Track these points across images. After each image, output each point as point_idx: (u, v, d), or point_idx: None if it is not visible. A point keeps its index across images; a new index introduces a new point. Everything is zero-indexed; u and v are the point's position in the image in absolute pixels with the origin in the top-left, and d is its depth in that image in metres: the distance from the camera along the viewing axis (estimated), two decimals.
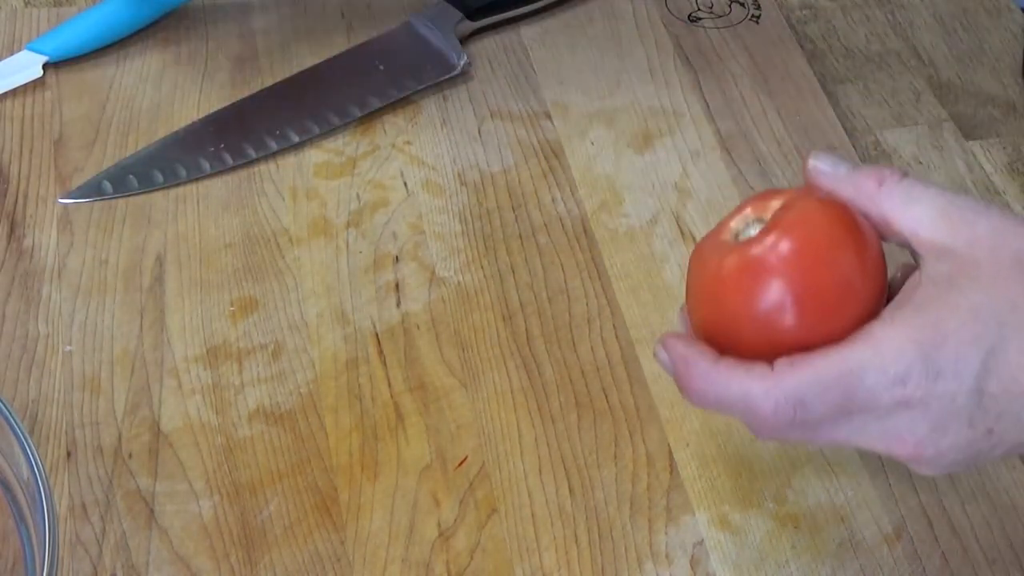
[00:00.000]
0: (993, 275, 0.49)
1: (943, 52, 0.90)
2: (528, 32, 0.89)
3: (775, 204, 0.52)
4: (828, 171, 0.53)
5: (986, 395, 0.48)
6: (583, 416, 0.68)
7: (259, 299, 0.72)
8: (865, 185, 0.52)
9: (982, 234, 0.50)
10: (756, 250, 0.50)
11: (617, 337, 0.71)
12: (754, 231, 0.52)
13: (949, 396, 0.48)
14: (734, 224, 0.53)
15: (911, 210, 0.51)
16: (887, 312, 0.50)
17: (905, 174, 0.52)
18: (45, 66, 0.82)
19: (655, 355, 0.53)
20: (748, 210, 0.53)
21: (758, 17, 0.91)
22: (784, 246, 0.50)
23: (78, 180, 0.77)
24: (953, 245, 0.50)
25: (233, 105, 0.82)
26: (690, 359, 0.51)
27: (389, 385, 0.69)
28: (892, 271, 0.53)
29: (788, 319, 0.50)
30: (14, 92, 0.82)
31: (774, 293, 0.49)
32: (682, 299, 0.67)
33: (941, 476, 0.66)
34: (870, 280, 0.51)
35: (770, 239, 0.50)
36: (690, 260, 0.54)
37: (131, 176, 0.78)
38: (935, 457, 0.50)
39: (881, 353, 0.48)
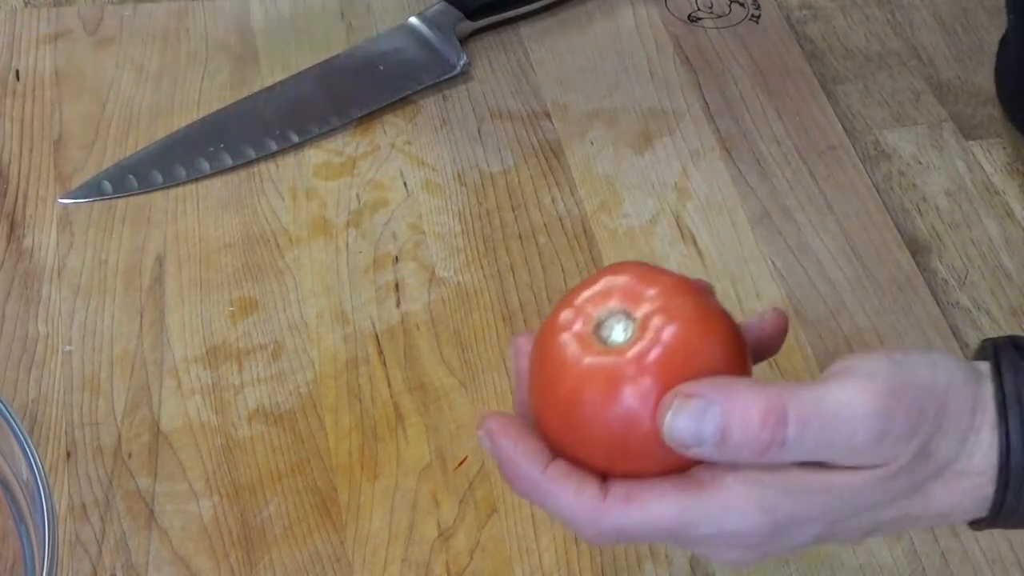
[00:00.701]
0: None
1: (943, 52, 0.90)
2: (528, 32, 0.89)
3: (645, 297, 0.49)
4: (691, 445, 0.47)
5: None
6: None
7: (259, 299, 0.72)
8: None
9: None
10: (630, 368, 0.47)
11: None
12: (622, 334, 0.48)
13: (787, 548, 0.49)
14: (598, 314, 0.49)
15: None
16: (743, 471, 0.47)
17: (780, 443, 0.46)
18: None
19: (478, 436, 0.50)
20: (614, 301, 0.49)
21: (758, 17, 0.91)
22: (660, 368, 0.47)
23: (78, 180, 0.77)
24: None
25: (233, 105, 0.82)
26: (518, 463, 0.48)
27: (389, 385, 0.69)
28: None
29: (643, 438, 0.47)
30: (14, 92, 0.82)
31: (640, 415, 0.46)
32: None
33: None
34: None
35: (647, 357, 0.47)
36: (542, 339, 0.50)
37: (131, 176, 0.78)
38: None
39: (725, 511, 0.47)
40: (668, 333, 0.47)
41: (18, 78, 0.83)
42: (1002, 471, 0.48)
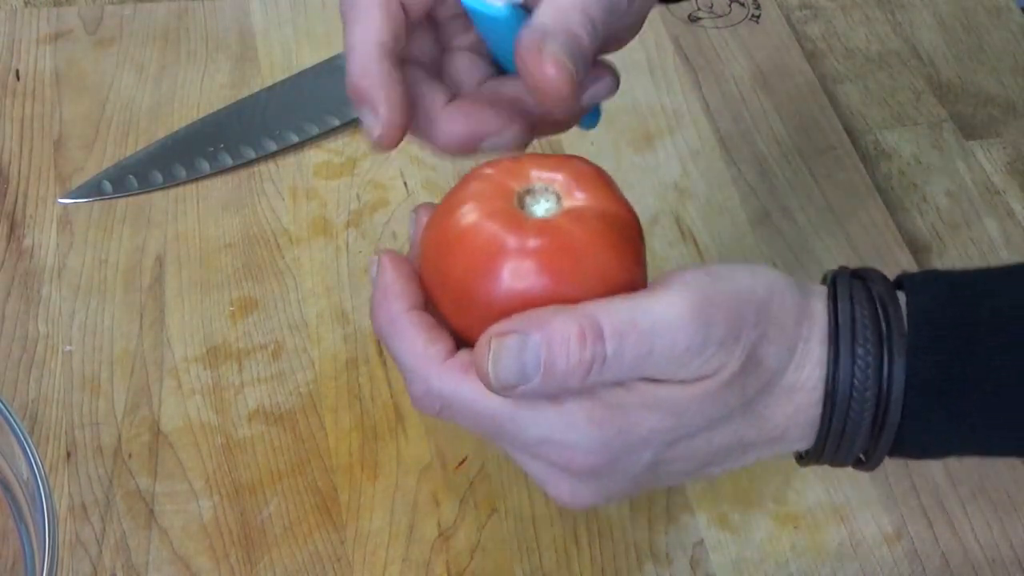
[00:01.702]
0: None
1: (943, 52, 0.90)
2: None
3: (576, 194, 0.48)
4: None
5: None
6: None
7: (259, 299, 0.72)
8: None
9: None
10: (520, 246, 0.46)
11: None
12: (542, 211, 0.47)
13: (621, 484, 0.48)
14: (520, 189, 0.48)
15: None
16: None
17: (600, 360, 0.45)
18: None
19: (369, 262, 0.49)
20: (534, 173, 0.48)
21: (758, 17, 0.91)
22: (550, 260, 0.46)
23: (78, 180, 0.77)
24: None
25: (233, 105, 0.82)
26: (387, 295, 0.48)
27: (389, 385, 0.69)
28: None
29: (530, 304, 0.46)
30: (14, 92, 0.82)
31: (537, 293, 0.46)
32: None
33: (942, 476, 0.66)
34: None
35: (556, 243, 0.46)
36: (457, 192, 0.49)
37: (131, 176, 0.78)
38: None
39: (557, 416, 0.46)
40: (575, 231, 0.46)
41: (18, 78, 0.83)
42: (828, 394, 0.48)
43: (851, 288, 0.49)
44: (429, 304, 0.48)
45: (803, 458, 0.51)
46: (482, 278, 0.46)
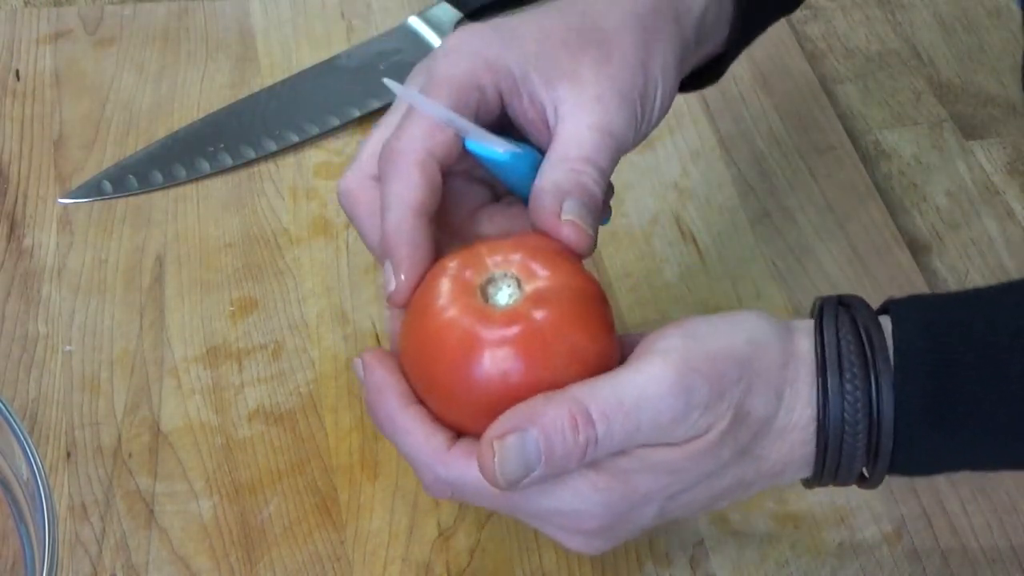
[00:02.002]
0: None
1: (943, 52, 0.90)
2: None
3: (538, 274, 0.49)
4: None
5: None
6: None
7: (259, 299, 0.72)
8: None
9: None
10: (496, 335, 0.48)
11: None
12: (507, 298, 0.49)
13: (630, 533, 0.51)
14: (481, 281, 0.49)
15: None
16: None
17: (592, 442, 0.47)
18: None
19: (352, 364, 0.52)
20: (512, 266, 0.50)
21: None
22: (526, 343, 0.48)
23: (78, 180, 0.77)
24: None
25: (233, 105, 0.82)
26: (384, 394, 0.50)
27: None
28: None
29: (496, 404, 0.48)
30: (14, 92, 0.82)
31: (496, 381, 0.48)
32: (679, 300, 0.66)
33: (942, 476, 0.66)
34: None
35: (527, 328, 0.48)
36: (427, 281, 0.50)
37: (131, 176, 0.78)
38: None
39: (563, 488, 0.48)
40: (542, 313, 0.48)
41: (18, 78, 0.83)
42: (820, 422, 0.49)
43: (837, 319, 0.50)
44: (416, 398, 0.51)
45: (806, 483, 0.52)
46: (462, 376, 0.48)
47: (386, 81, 0.51)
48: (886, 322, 0.50)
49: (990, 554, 0.64)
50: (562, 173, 0.51)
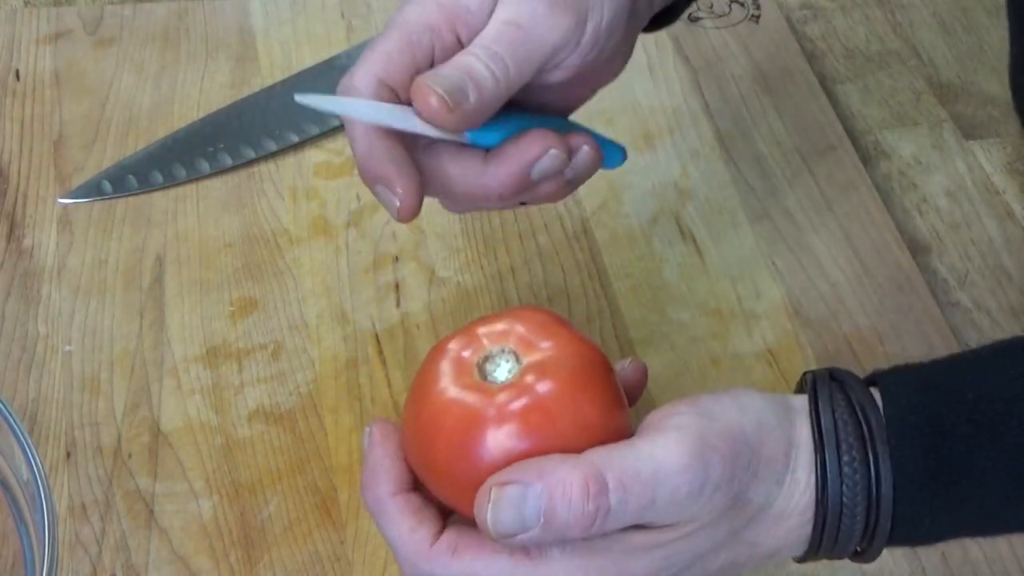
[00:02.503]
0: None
1: (943, 52, 0.90)
2: None
3: (538, 346, 0.48)
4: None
5: None
6: None
7: (259, 299, 0.72)
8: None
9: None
10: (494, 412, 0.46)
11: (617, 337, 0.71)
12: (505, 374, 0.48)
13: None
14: (488, 348, 0.48)
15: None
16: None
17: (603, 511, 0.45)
18: None
19: (362, 434, 0.51)
20: (508, 341, 0.49)
21: (758, 17, 0.91)
22: (525, 419, 0.46)
23: (78, 180, 0.77)
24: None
25: (233, 105, 0.82)
26: (376, 475, 0.49)
27: (389, 385, 0.69)
28: None
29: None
30: (14, 92, 0.82)
31: (494, 460, 0.46)
32: (679, 300, 0.66)
33: None
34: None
35: (515, 404, 0.46)
36: (427, 363, 0.50)
37: (131, 176, 0.78)
38: None
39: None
40: (545, 386, 0.47)
41: (18, 78, 0.83)
42: (818, 507, 0.48)
43: (832, 399, 0.49)
44: (418, 478, 0.49)
45: (799, 559, 0.51)
46: (463, 457, 0.46)
47: (298, 98, 0.51)
48: (876, 395, 0.49)
49: (990, 554, 0.64)
50: (449, 63, 0.51)
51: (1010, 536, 0.64)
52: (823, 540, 0.49)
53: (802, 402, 0.50)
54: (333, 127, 0.81)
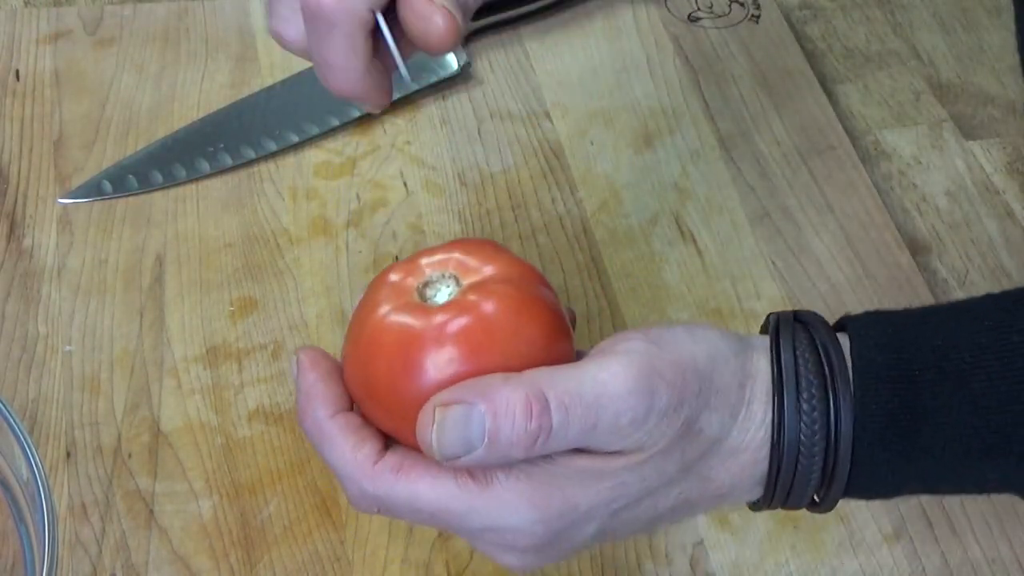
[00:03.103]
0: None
1: (943, 52, 0.90)
2: (528, 32, 0.89)
3: (479, 271, 0.48)
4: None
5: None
6: None
7: (259, 299, 0.72)
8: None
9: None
10: (433, 333, 0.45)
11: None
12: (445, 296, 0.47)
13: (567, 551, 0.48)
14: (418, 284, 0.48)
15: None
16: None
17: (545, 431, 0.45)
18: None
19: (291, 360, 0.50)
20: (449, 267, 0.48)
21: (758, 17, 0.91)
22: (464, 339, 0.45)
23: (78, 180, 0.77)
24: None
25: (233, 105, 0.82)
26: (312, 399, 0.48)
27: None
28: None
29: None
30: (14, 92, 0.82)
31: (432, 383, 0.45)
32: (679, 300, 0.66)
33: None
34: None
35: (454, 325, 0.45)
36: (370, 289, 0.49)
37: (131, 176, 0.78)
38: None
39: (498, 506, 0.45)
40: (486, 305, 0.46)
41: (18, 78, 0.83)
42: (775, 444, 0.47)
43: (794, 337, 0.48)
44: (356, 405, 0.48)
45: (754, 506, 0.50)
46: (404, 377, 0.45)
47: None
48: (844, 340, 0.48)
49: (990, 554, 0.64)
50: None
51: (1010, 536, 0.64)
52: (779, 481, 0.48)
53: (762, 340, 0.49)
54: (333, 127, 0.81)
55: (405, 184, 0.79)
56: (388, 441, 0.48)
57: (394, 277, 0.48)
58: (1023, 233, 0.79)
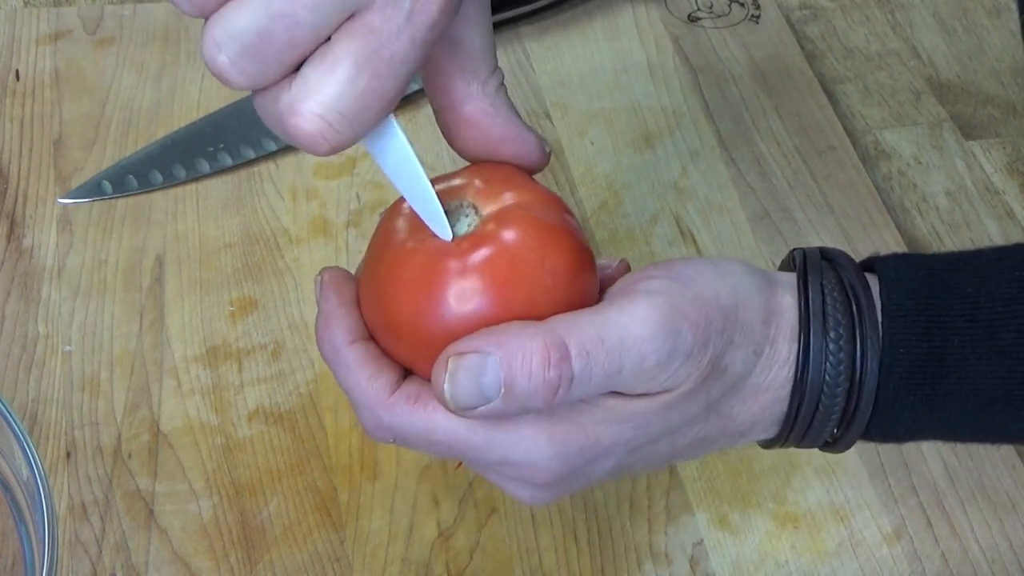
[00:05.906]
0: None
1: (943, 52, 0.90)
2: (528, 32, 0.89)
3: (501, 198, 0.46)
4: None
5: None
6: None
7: (259, 299, 0.72)
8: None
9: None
10: (454, 264, 0.44)
11: None
12: (464, 227, 0.46)
13: (583, 485, 0.47)
14: (447, 203, 0.46)
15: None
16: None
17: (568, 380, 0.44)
18: None
19: (315, 280, 0.48)
20: (467, 195, 0.46)
21: (758, 17, 0.91)
22: (486, 270, 0.44)
23: (78, 180, 0.77)
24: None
25: (233, 105, 0.82)
26: (331, 324, 0.47)
27: None
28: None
29: (450, 340, 0.44)
30: (14, 92, 0.82)
31: (454, 314, 0.44)
32: None
33: (942, 475, 0.66)
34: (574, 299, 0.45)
35: (475, 255, 0.44)
36: (386, 217, 0.47)
37: (130, 176, 0.78)
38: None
39: (515, 440, 0.45)
40: (508, 234, 0.44)
41: (18, 78, 0.83)
42: (797, 385, 0.46)
43: (822, 276, 0.47)
44: (372, 334, 0.47)
45: (767, 443, 0.50)
46: (425, 307, 0.44)
47: None
48: (873, 281, 0.47)
49: (990, 554, 0.64)
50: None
51: (1010, 536, 0.64)
52: (797, 420, 0.47)
53: (788, 277, 0.48)
54: None
55: None
56: (405, 372, 0.46)
57: (407, 207, 0.46)
58: (1023, 233, 0.79)
